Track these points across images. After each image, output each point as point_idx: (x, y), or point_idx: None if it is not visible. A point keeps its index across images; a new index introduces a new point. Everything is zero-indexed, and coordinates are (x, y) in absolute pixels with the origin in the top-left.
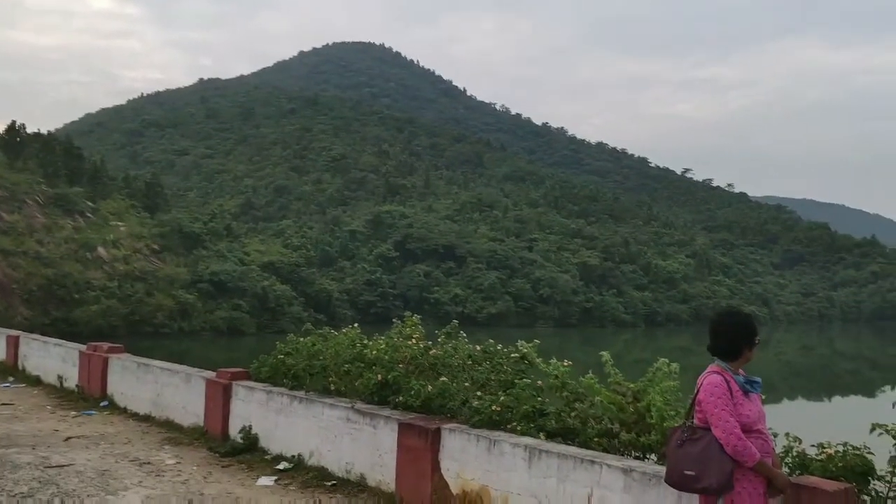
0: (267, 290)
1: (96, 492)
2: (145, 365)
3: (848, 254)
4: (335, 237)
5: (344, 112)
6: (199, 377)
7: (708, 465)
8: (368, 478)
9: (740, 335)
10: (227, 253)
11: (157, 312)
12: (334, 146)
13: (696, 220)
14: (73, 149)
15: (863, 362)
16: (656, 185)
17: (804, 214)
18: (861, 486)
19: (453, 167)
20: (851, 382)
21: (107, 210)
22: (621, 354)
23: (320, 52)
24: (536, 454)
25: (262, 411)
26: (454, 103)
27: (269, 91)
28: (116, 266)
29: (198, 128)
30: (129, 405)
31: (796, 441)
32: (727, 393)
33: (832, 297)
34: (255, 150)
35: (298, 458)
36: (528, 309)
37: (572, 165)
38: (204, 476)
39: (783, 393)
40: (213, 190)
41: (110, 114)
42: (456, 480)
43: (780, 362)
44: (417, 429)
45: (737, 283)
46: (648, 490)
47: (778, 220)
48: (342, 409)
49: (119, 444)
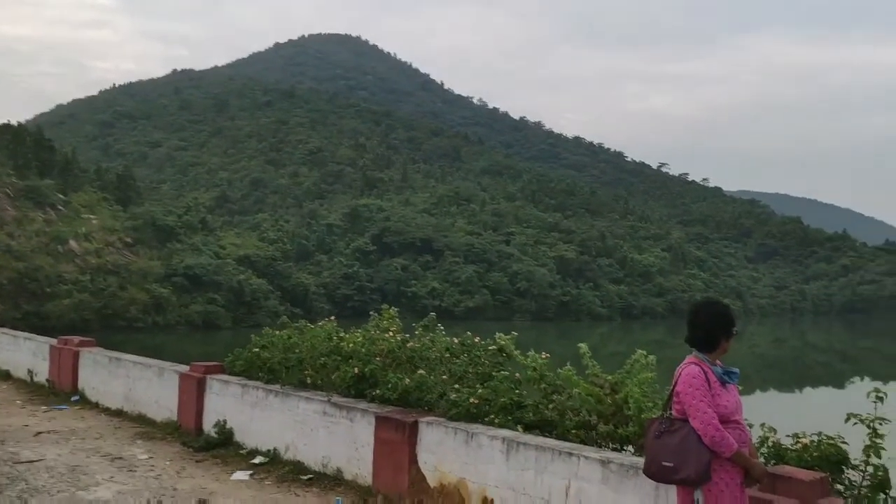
0: (243, 283)
1: (66, 488)
2: (117, 359)
3: (820, 247)
4: (312, 231)
5: (320, 105)
6: (173, 371)
7: (686, 457)
8: (345, 471)
9: (718, 326)
10: (202, 246)
11: (130, 306)
12: (311, 139)
13: (671, 214)
14: (44, 140)
15: (834, 355)
16: (632, 179)
17: (777, 209)
18: (835, 474)
19: (431, 161)
20: (823, 374)
21: (78, 203)
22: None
23: (296, 44)
24: (514, 447)
25: (237, 405)
26: (432, 96)
27: (245, 83)
28: (88, 259)
29: (171, 119)
30: (101, 400)
31: (772, 431)
32: (705, 384)
33: (804, 291)
34: (230, 143)
35: (274, 453)
36: (505, 302)
37: (549, 159)
38: (177, 471)
39: (757, 385)
40: (188, 183)
41: (82, 105)
42: (433, 473)
43: (753, 355)
44: (394, 422)
45: (711, 277)
46: (626, 481)
47: (752, 214)
48: (318, 402)
49: (90, 439)
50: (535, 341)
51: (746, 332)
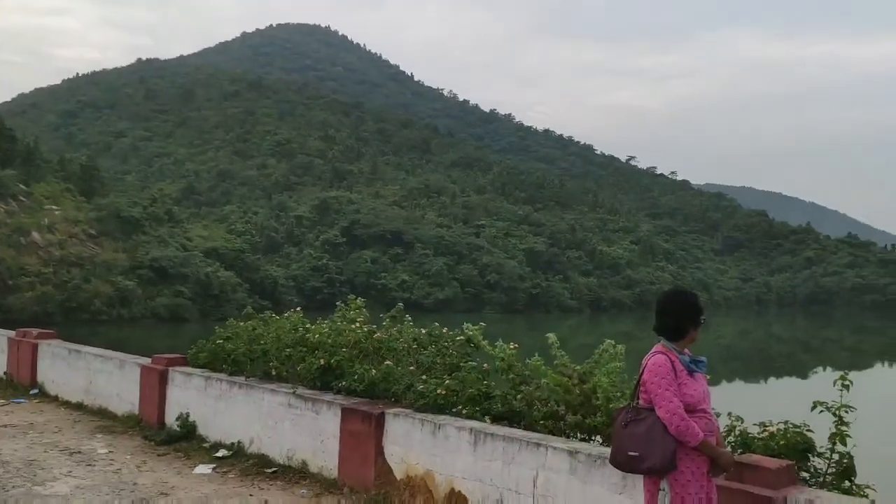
0: (210, 276)
1: (22, 483)
2: (77, 351)
3: (784, 240)
4: (281, 223)
5: (289, 96)
6: (134, 364)
7: (652, 446)
8: (310, 464)
9: (686, 314)
10: (168, 238)
11: (94, 299)
12: (279, 130)
13: (640, 206)
14: (5, 130)
15: (797, 345)
16: (602, 172)
17: (743, 202)
18: (801, 462)
19: (401, 153)
20: (787, 365)
21: (41, 194)
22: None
23: (264, 34)
24: (482, 437)
25: (200, 398)
26: (402, 88)
27: (211, 73)
28: (52, 251)
29: (136, 109)
30: (61, 393)
31: (739, 420)
32: (671, 373)
33: (769, 283)
34: (196, 134)
35: (238, 446)
36: (475, 295)
37: (519, 152)
38: (137, 465)
39: (723, 375)
40: (153, 174)
41: (44, 94)
42: (400, 465)
43: (719, 346)
44: (361, 413)
45: (679, 269)
46: (594, 471)
47: (719, 207)
48: (283, 394)
49: (49, 433)
50: (505, 333)
51: (713, 324)
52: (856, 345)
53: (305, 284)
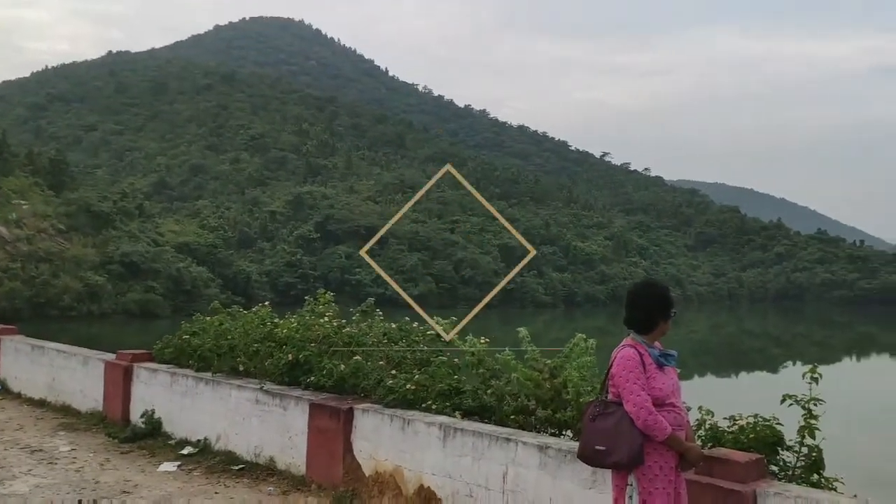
0: (182, 271)
1: None
2: (40, 347)
3: (756, 236)
4: (254, 218)
5: (262, 90)
6: (98, 360)
7: (618, 440)
8: (278, 461)
9: (656, 307)
10: (139, 233)
11: (63, 295)
12: (253, 125)
13: (614, 202)
14: None
15: (768, 340)
16: (576, 168)
17: (716, 198)
18: (770, 456)
19: (375, 148)
20: (758, 359)
21: (8, 188)
22: (540, 334)
23: (237, 27)
24: (451, 433)
25: (165, 394)
26: (376, 83)
27: (183, 66)
28: (19, 246)
29: (107, 102)
30: (24, 390)
31: (709, 414)
32: (639, 366)
33: (741, 278)
34: (168, 128)
35: (204, 443)
36: (449, 290)
37: (494, 148)
38: (100, 463)
39: (694, 369)
40: (124, 168)
41: (13, 87)
42: (369, 461)
43: (692, 341)
44: (329, 409)
45: (652, 265)
46: (563, 466)
47: (692, 203)
48: (251, 390)
49: (10, 431)
50: (479, 327)
51: (685, 319)
52: (825, 339)
53: (279, 280)
